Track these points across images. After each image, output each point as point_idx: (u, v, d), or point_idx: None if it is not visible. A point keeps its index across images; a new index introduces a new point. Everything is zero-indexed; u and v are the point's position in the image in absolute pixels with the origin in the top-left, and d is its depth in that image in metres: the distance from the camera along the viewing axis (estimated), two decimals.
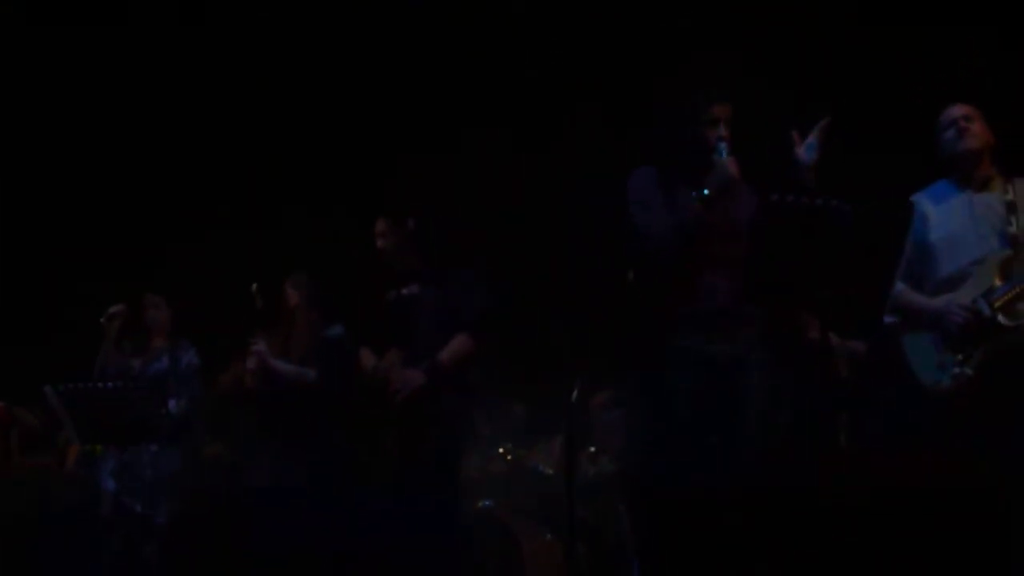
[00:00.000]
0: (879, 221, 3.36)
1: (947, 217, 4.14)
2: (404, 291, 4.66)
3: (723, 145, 3.76)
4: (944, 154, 4.17)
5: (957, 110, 4.14)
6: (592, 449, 5.69)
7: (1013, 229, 4.00)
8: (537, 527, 5.14)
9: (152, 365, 5.60)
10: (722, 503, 2.76)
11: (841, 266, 3.37)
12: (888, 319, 4.43)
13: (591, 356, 5.12)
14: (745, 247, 3.57)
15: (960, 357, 3.94)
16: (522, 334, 4.91)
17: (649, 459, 3.60)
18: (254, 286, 5.22)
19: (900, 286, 4.14)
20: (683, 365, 3.78)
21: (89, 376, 5.37)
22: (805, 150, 3.75)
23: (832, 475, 2.79)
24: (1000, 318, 3.91)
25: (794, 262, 3.38)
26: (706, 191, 3.74)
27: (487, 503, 5.44)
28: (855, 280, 3.41)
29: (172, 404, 5.49)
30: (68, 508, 5.35)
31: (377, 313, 4.71)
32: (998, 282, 3.96)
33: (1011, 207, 4.03)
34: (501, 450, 5.73)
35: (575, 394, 4.84)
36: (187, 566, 4.82)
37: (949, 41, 5.49)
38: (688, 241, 3.79)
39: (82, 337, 5.68)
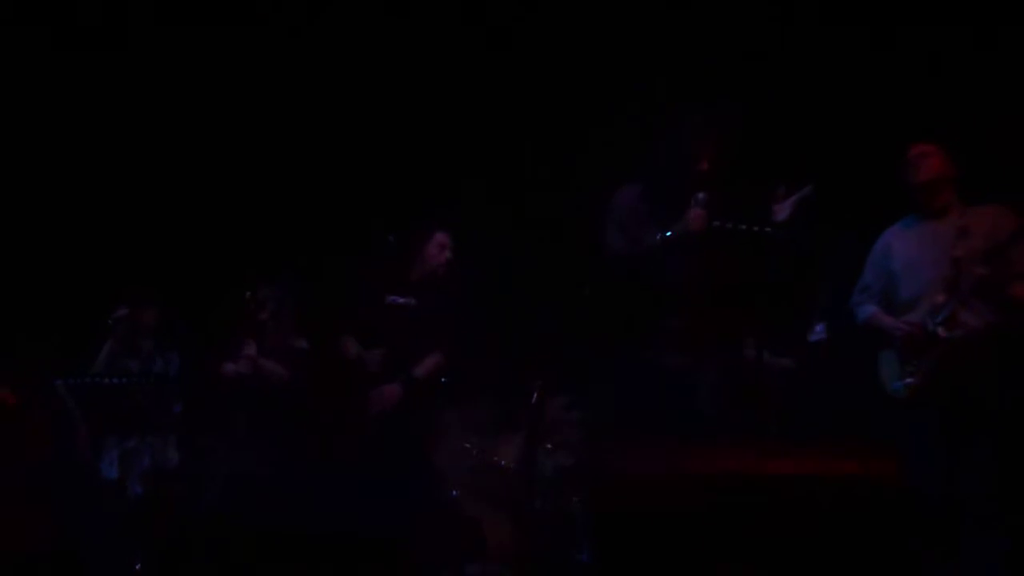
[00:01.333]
0: (793, 249, 3.53)
1: (907, 245, 4.30)
2: (401, 300, 4.74)
3: (700, 197, 3.81)
4: (904, 187, 4.30)
5: (915, 149, 4.28)
6: (549, 445, 5.64)
7: (959, 252, 4.13)
8: (499, 515, 5.15)
9: (149, 366, 5.60)
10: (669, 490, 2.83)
11: (771, 285, 3.52)
12: (815, 337, 4.69)
13: (550, 366, 5.21)
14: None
15: (910, 368, 4.10)
16: (491, 345, 4.94)
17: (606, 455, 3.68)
18: (248, 294, 5.27)
19: (873, 309, 4.33)
20: (629, 369, 3.93)
21: (89, 372, 5.38)
22: (781, 208, 3.81)
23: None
24: (940, 331, 4.06)
25: (731, 279, 3.55)
26: (668, 233, 3.82)
27: (454, 493, 5.45)
28: (781, 299, 3.58)
29: (177, 408, 5.54)
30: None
31: (371, 312, 4.71)
32: (941, 299, 4.12)
33: (961, 231, 4.16)
34: (468, 445, 5.71)
35: (535, 397, 4.96)
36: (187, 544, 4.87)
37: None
38: (635, 273, 3.88)
39: (74, 334, 5.67)
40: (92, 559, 3.34)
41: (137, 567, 4.64)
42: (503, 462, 5.58)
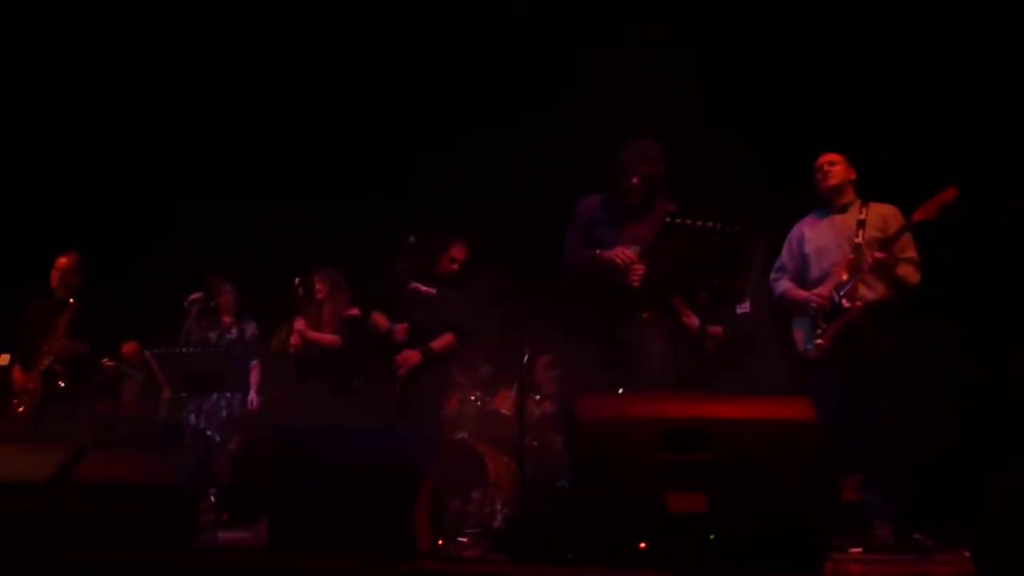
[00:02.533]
0: (737, 240, 3.45)
1: (817, 234, 4.26)
2: (423, 288, 4.65)
3: (635, 247, 3.82)
4: (817, 190, 4.26)
5: (823, 158, 4.23)
6: (538, 397, 5.66)
7: (859, 240, 4.10)
8: (498, 452, 5.13)
9: (224, 336, 5.55)
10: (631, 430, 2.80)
11: (709, 269, 3.46)
12: (740, 310, 4.62)
13: (539, 332, 5.18)
14: (646, 261, 3.69)
15: (819, 332, 4.06)
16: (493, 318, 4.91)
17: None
18: (297, 279, 5.23)
19: (788, 284, 4.28)
20: (595, 340, 3.94)
21: (176, 343, 5.32)
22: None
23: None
24: (844, 302, 4.02)
25: (678, 265, 3.48)
26: (598, 252, 3.86)
27: (463, 434, 5.43)
28: (718, 279, 3.49)
29: (253, 364, 5.54)
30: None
31: (400, 297, 4.66)
32: (844, 277, 4.07)
33: (860, 224, 4.13)
34: (473, 397, 5.67)
35: (526, 358, 4.92)
36: (252, 479, 4.85)
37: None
38: (576, 275, 3.93)
39: (167, 312, 5.60)
40: (183, 492, 3.31)
41: (212, 499, 4.62)
42: (501, 410, 5.61)
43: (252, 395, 5.55)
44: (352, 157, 6.52)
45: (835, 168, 4.21)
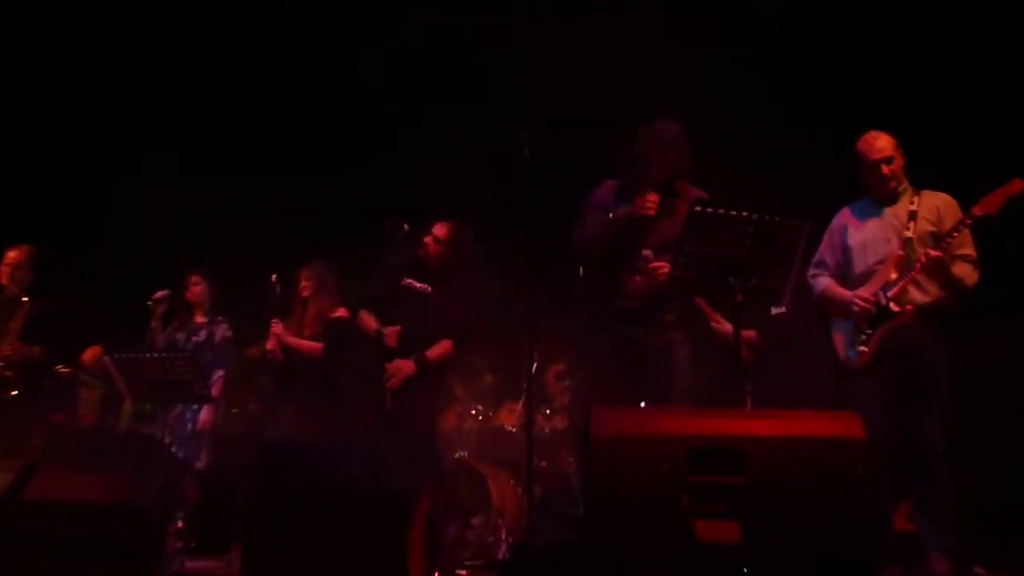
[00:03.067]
0: (776, 231, 3.41)
1: (863, 226, 4.21)
2: (417, 285, 4.62)
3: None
4: (869, 185, 4.19)
5: (877, 152, 4.11)
6: (547, 411, 5.67)
7: (909, 233, 4.06)
8: (502, 473, 5.12)
9: (192, 338, 5.49)
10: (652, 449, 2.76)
11: (745, 264, 3.42)
12: (775, 311, 4.61)
13: (549, 337, 5.14)
14: (671, 256, 3.64)
15: (863, 337, 4.02)
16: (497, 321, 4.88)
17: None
18: (274, 276, 5.15)
19: (829, 281, 4.25)
20: (613, 346, 3.94)
21: (142, 348, 5.26)
22: None
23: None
24: (891, 305, 3.98)
25: (708, 260, 3.44)
26: (611, 215, 3.88)
27: (462, 453, 5.42)
28: (755, 276, 3.45)
29: (219, 373, 5.44)
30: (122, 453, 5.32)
31: (392, 295, 4.64)
32: (893, 276, 4.03)
33: (912, 215, 4.09)
34: (473, 411, 5.68)
35: (534, 366, 4.90)
36: (223, 502, 4.83)
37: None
38: (587, 255, 3.96)
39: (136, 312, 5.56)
40: (146, 514, 3.30)
41: (179, 524, 4.60)
42: (506, 426, 5.62)
43: (204, 413, 5.31)
44: (343, 129, 6.59)
45: (891, 166, 4.11)
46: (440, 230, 4.64)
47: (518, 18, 5.96)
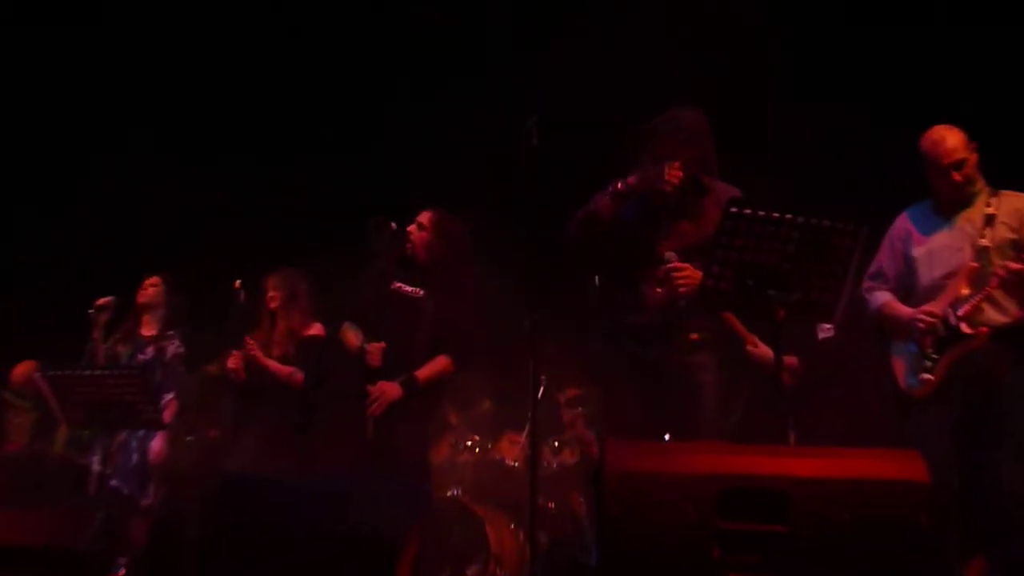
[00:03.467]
0: (826, 236, 3.39)
1: (929, 232, 4.20)
2: (408, 289, 4.63)
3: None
4: (937, 188, 4.17)
5: (946, 156, 4.08)
6: (556, 443, 5.69)
7: (985, 241, 4.05)
8: (502, 514, 5.13)
9: (139, 355, 5.49)
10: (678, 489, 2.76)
11: (789, 275, 3.40)
12: (821, 334, 4.61)
13: (558, 359, 5.14)
14: (701, 264, 3.63)
15: (928, 363, 4.01)
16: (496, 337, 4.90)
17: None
18: (238, 281, 5.14)
19: (888, 296, 4.24)
20: (630, 368, 3.94)
21: (80, 364, 5.26)
22: None
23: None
24: (963, 326, 3.97)
25: (745, 270, 3.42)
26: (618, 185, 3.87)
27: (455, 491, 5.42)
28: (801, 289, 3.43)
29: (168, 397, 5.42)
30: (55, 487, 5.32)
31: (379, 304, 4.63)
32: (965, 292, 4.02)
33: (988, 220, 4.08)
34: (469, 442, 5.68)
35: (541, 391, 4.89)
36: (175, 546, 4.83)
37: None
38: (585, 233, 3.94)
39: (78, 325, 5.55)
40: (84, 559, 3.31)
41: (121, 572, 4.58)
42: (506, 460, 5.64)
43: (157, 442, 5.33)
44: (321, 113, 6.69)
45: (965, 170, 4.09)
46: (425, 216, 4.66)
47: None
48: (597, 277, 4.18)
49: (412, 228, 4.65)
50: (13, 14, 6.41)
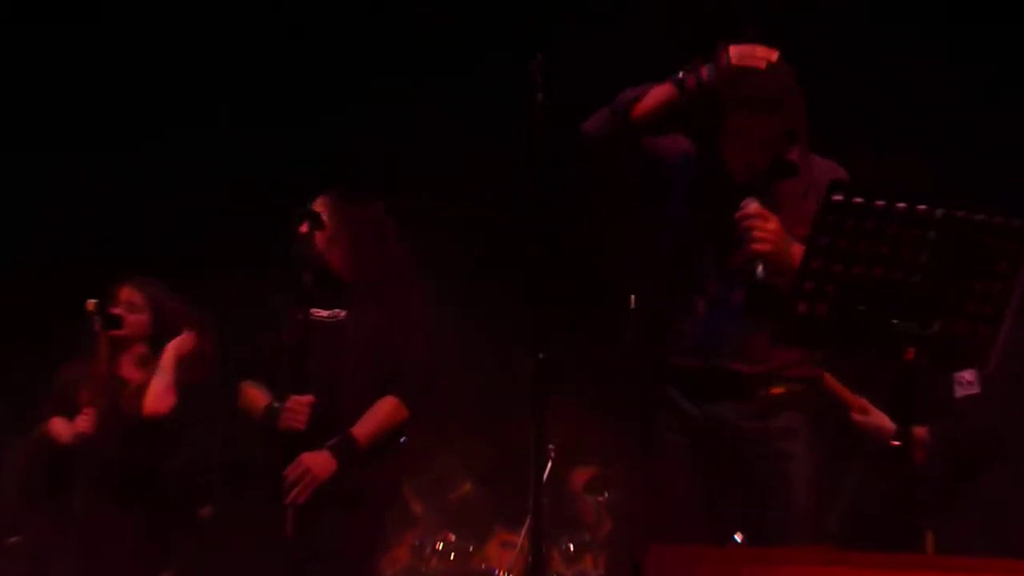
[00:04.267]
0: (980, 239, 3.25)
1: None
2: (325, 314, 4.60)
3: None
4: None
5: None
6: (571, 546, 5.67)
7: None
8: None
9: None
10: None
11: (923, 297, 3.27)
12: (962, 391, 4.64)
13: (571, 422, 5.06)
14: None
15: None
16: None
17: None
18: (91, 301, 5.15)
19: None
20: (683, 435, 3.88)
21: None
22: None
23: None
24: None
25: (855, 286, 3.27)
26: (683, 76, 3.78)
27: None
28: (940, 319, 3.29)
29: None
30: None
31: (280, 339, 4.64)
32: None
33: None
34: (441, 544, 5.66)
35: (548, 468, 4.77)
36: None
37: None
38: (613, 126, 3.86)
39: None
40: None
41: None
42: (497, 572, 5.57)
43: None
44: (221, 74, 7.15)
45: None
46: (320, 203, 4.66)
47: None
48: (633, 297, 4.02)
49: (304, 228, 4.61)
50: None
